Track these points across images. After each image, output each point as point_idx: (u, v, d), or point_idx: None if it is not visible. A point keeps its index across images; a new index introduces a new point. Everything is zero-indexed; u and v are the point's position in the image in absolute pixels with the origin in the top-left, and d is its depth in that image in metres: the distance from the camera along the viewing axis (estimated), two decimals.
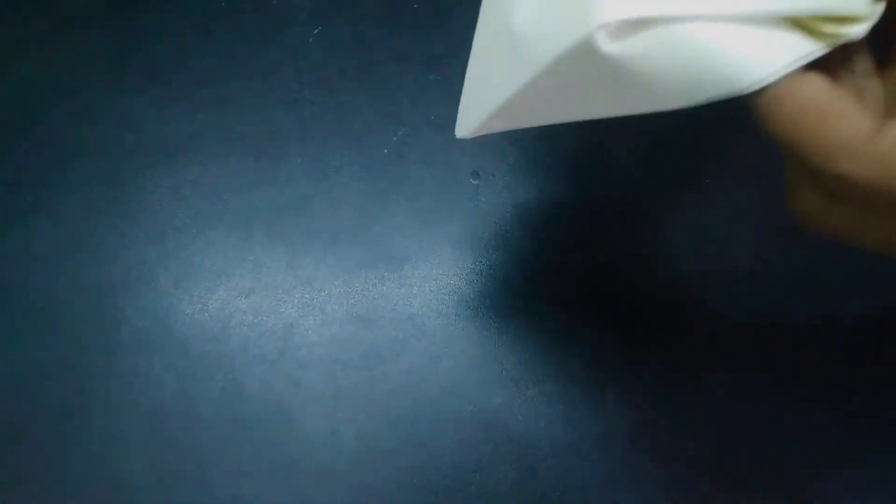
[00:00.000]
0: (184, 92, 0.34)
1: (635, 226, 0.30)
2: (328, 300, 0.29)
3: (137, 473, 0.27)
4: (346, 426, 0.27)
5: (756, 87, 0.18)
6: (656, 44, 0.18)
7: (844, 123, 0.18)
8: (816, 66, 0.19)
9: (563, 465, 0.26)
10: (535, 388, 0.27)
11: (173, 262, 0.31)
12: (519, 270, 0.29)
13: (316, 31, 0.35)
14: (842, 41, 0.18)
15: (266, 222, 0.31)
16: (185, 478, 0.27)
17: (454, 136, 0.32)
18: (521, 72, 0.19)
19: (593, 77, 0.19)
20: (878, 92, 0.19)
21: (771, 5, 0.18)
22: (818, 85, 0.18)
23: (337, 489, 0.27)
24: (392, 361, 0.28)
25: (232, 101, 0.34)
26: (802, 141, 0.18)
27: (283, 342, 0.29)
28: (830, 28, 0.18)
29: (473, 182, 0.31)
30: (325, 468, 0.27)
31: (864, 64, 0.19)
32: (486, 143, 0.32)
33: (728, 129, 0.31)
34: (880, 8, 0.18)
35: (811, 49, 0.18)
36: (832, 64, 0.19)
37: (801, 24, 0.18)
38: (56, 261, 0.31)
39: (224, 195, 0.32)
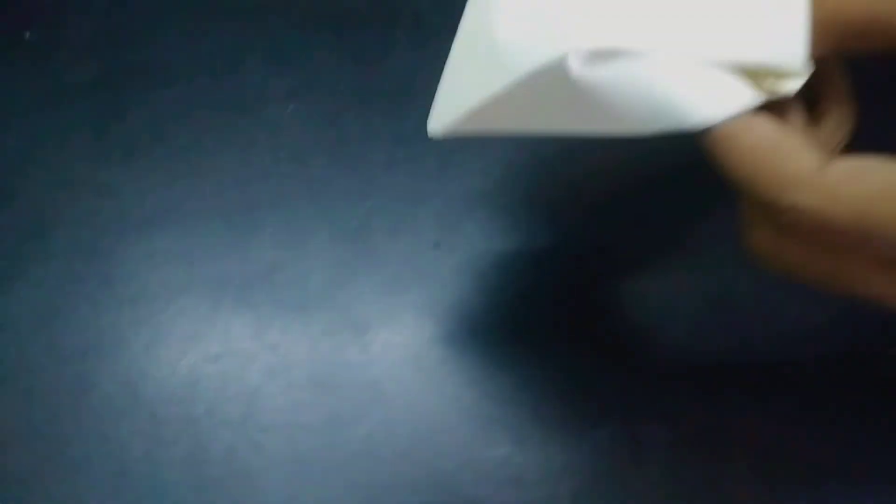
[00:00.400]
0: (163, 163, 0.36)
1: (590, 296, 0.32)
2: (293, 366, 0.30)
3: None
4: (304, 492, 0.28)
5: (705, 126, 0.21)
6: (620, 74, 0.20)
7: (795, 158, 0.20)
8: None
9: None
10: (487, 453, 0.28)
11: (145, 328, 0.32)
12: (475, 338, 0.31)
13: (291, 107, 0.37)
14: (778, 96, 0.21)
15: (236, 290, 0.32)
16: None
17: (420, 208, 0.34)
18: (498, 78, 0.21)
19: (562, 95, 0.21)
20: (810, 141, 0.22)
21: (719, 53, 0.20)
22: (769, 124, 0.21)
23: None
24: (351, 427, 0.29)
25: (209, 173, 0.35)
26: (756, 175, 0.20)
27: (247, 407, 0.30)
28: (769, 83, 0.21)
29: (435, 252, 0.33)
30: None
31: (798, 115, 0.22)
32: (448, 216, 0.33)
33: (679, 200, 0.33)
34: (810, 69, 0.21)
35: (755, 97, 0.21)
36: (774, 113, 0.21)
37: (747, 74, 0.21)
38: (32, 327, 0.32)
39: (197, 263, 0.33)
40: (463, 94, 0.23)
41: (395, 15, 0.39)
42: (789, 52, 0.21)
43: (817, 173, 0.20)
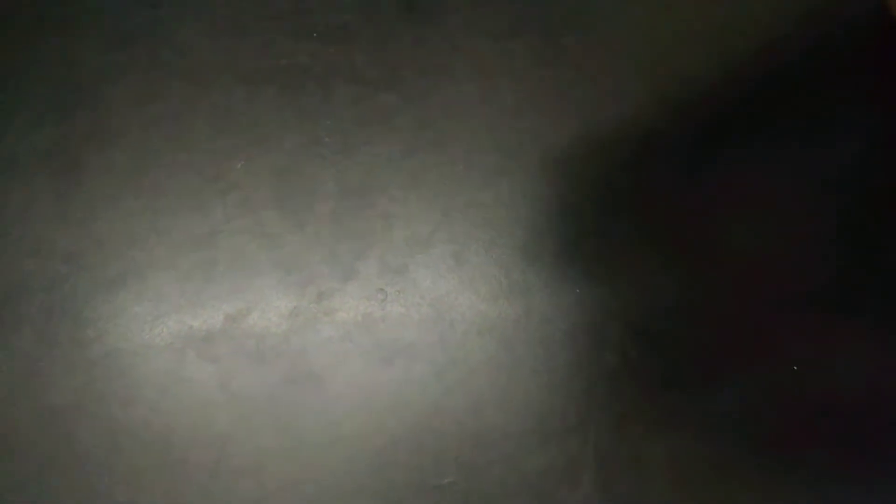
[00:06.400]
0: (122, 225, 0.38)
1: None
2: (255, 414, 0.34)
3: None
4: None
5: None
6: None
7: None
8: None
9: None
10: (435, 482, 0.32)
11: (118, 384, 0.35)
12: (428, 379, 0.34)
13: (240, 164, 0.39)
14: None
15: (199, 343, 0.35)
16: None
17: (366, 255, 0.37)
18: None
19: None
20: None
21: None
22: None
23: None
24: (315, 467, 0.32)
25: (166, 232, 0.38)
26: None
27: (219, 453, 0.33)
28: None
29: (381, 297, 0.36)
30: None
31: None
32: (392, 262, 0.37)
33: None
34: None
35: None
36: None
37: None
38: (11, 390, 0.34)
39: (161, 319, 0.36)
40: None
41: (333, 69, 0.41)
42: None
43: None
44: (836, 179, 0.39)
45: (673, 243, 0.37)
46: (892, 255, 0.36)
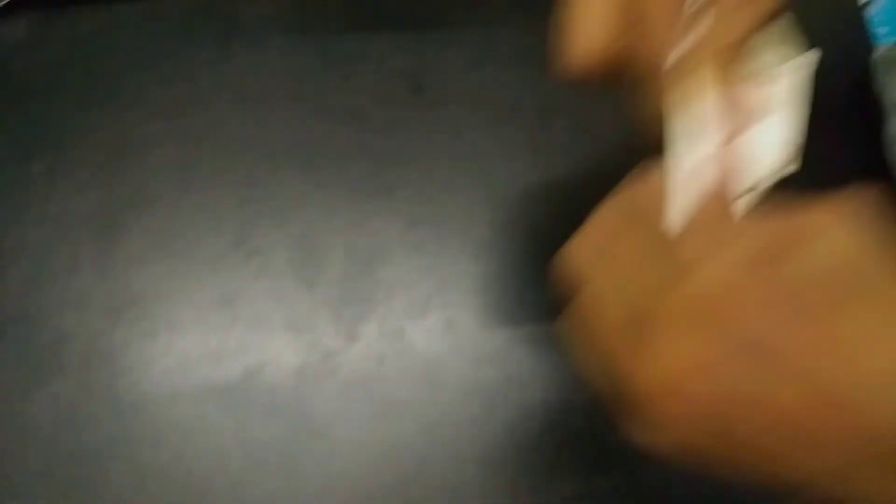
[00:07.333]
0: (158, 284, 0.43)
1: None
2: (266, 461, 0.38)
3: None
4: None
5: None
6: None
7: None
8: None
9: None
10: None
11: (149, 430, 0.39)
12: (419, 434, 0.38)
13: (264, 230, 0.44)
14: None
15: (220, 394, 0.40)
16: None
17: (370, 317, 0.42)
18: None
19: None
20: None
21: None
22: None
23: None
24: None
25: (199, 291, 0.43)
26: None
27: (231, 496, 0.38)
28: None
29: (380, 362, 0.40)
30: None
31: None
32: (391, 331, 0.41)
33: None
34: None
35: None
36: None
37: None
38: (52, 431, 0.39)
39: (188, 370, 0.40)
40: None
41: (348, 147, 0.46)
42: None
43: None
44: None
45: None
46: None
